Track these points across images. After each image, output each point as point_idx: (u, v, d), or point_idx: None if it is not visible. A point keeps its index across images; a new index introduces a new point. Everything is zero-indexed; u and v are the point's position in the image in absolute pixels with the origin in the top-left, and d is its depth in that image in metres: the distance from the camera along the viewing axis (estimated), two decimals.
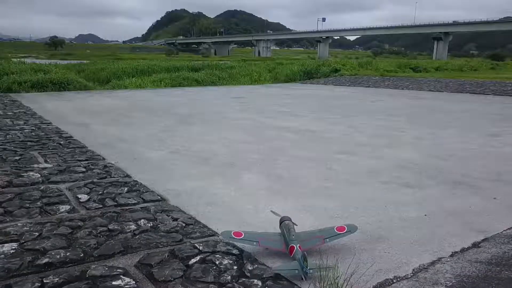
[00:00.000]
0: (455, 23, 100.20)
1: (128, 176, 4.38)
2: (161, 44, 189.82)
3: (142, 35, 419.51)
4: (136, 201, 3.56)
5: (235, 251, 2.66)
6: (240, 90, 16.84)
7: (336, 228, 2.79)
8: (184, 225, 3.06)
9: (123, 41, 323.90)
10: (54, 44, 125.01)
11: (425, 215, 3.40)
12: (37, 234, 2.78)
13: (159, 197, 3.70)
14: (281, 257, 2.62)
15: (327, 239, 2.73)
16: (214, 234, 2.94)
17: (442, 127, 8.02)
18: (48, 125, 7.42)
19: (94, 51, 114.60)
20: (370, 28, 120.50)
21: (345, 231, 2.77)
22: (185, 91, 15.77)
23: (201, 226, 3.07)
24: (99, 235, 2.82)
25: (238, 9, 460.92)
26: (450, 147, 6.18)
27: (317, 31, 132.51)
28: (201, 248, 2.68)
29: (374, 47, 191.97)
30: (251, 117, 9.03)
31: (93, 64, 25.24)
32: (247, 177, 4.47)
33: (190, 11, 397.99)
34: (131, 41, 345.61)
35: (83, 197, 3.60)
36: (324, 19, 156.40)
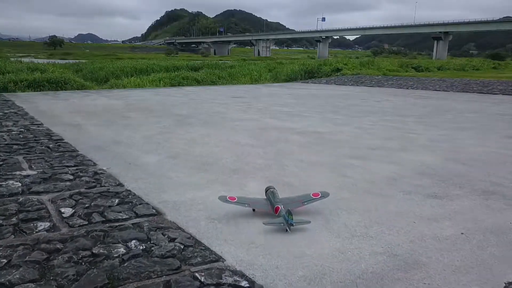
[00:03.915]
0: (455, 23, 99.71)
1: (120, 184, 3.91)
2: (161, 44, 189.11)
3: (142, 34, 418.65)
4: (127, 216, 3.09)
5: (244, 283, 2.18)
6: (240, 89, 16.38)
7: (312, 194, 3.36)
8: (182, 247, 2.59)
9: (123, 40, 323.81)
10: (53, 44, 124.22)
11: (462, 233, 2.93)
12: (5, 261, 2.32)
13: (154, 211, 3.23)
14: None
15: (305, 203, 3.27)
16: (218, 259, 2.46)
17: (456, 128, 7.57)
18: (38, 127, 6.95)
19: (94, 50, 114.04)
20: (369, 28, 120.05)
21: (319, 196, 3.33)
22: (185, 91, 15.30)
23: (203, 248, 2.60)
24: (80, 261, 2.35)
25: (238, 9, 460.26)
26: (469, 151, 5.72)
27: (317, 31, 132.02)
28: (202, 279, 2.20)
29: (374, 47, 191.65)
30: (253, 118, 8.56)
31: (91, 64, 24.78)
32: (253, 185, 4.00)
33: (190, 11, 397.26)
34: (131, 40, 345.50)
35: (67, 211, 3.13)
36: (323, 19, 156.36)
